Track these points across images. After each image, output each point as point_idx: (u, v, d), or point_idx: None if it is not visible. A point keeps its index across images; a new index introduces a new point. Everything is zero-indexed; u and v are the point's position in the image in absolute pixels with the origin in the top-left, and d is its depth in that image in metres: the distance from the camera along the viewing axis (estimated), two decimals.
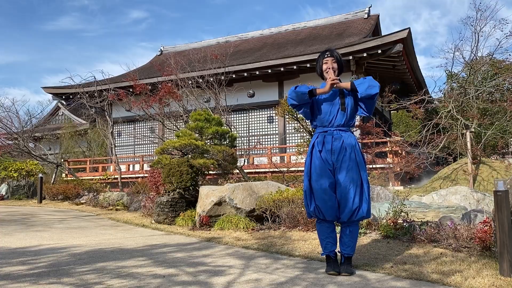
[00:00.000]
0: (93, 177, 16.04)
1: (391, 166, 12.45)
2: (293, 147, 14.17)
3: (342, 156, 3.23)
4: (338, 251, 3.36)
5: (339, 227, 3.42)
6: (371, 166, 11.89)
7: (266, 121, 16.28)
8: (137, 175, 16.14)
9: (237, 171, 10.41)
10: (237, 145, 11.42)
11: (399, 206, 4.91)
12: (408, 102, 11.79)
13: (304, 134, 11.31)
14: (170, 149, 8.02)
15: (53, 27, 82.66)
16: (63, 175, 17.79)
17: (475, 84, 12.10)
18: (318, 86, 3.45)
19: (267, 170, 13.62)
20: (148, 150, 18.27)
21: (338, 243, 3.37)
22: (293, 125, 13.33)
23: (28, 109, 51.95)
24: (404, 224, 4.63)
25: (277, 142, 15.89)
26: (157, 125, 16.97)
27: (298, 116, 9.95)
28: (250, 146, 15.54)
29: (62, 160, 18.99)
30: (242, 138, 16.10)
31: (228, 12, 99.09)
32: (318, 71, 3.50)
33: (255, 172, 13.71)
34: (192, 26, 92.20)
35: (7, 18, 75.27)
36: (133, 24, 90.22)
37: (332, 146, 3.26)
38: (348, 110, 3.33)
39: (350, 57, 13.64)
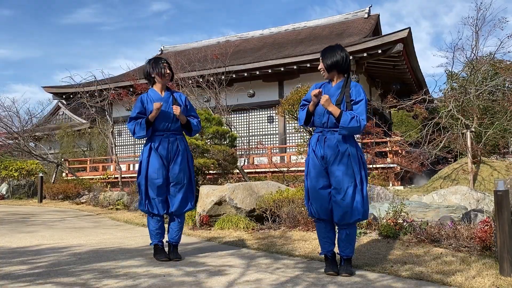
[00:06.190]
0: (93, 177, 16.03)
1: (391, 166, 12.46)
2: (293, 147, 14.18)
3: (334, 156, 3.26)
4: (337, 252, 3.36)
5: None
6: (371, 166, 11.89)
7: (266, 121, 16.28)
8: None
9: (237, 171, 10.42)
10: (237, 145, 11.40)
11: (399, 206, 4.91)
12: (409, 102, 11.79)
13: (304, 134, 11.32)
14: None
15: (70, 21, 78.78)
16: (64, 174, 17.80)
17: (476, 83, 12.09)
18: (318, 84, 3.51)
19: (267, 170, 13.61)
20: None
21: (336, 244, 3.37)
22: (293, 125, 13.35)
23: (28, 108, 51.95)
24: (404, 223, 4.63)
25: (277, 142, 15.89)
26: None
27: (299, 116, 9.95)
28: (250, 146, 15.53)
29: (63, 159, 19.00)
30: (242, 138, 16.10)
31: (256, 4, 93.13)
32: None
33: (255, 172, 13.70)
34: (214, 19, 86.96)
35: (22, 11, 72.75)
36: (153, 17, 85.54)
37: (324, 146, 3.30)
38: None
39: (350, 57, 13.63)
